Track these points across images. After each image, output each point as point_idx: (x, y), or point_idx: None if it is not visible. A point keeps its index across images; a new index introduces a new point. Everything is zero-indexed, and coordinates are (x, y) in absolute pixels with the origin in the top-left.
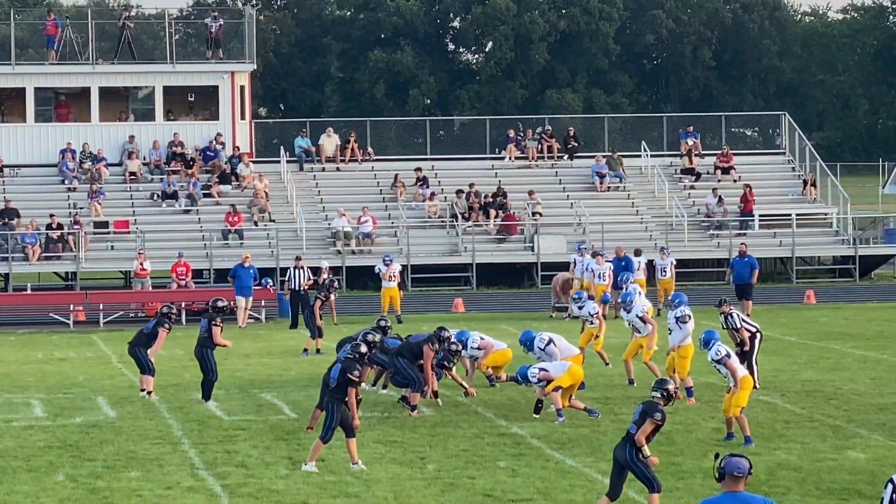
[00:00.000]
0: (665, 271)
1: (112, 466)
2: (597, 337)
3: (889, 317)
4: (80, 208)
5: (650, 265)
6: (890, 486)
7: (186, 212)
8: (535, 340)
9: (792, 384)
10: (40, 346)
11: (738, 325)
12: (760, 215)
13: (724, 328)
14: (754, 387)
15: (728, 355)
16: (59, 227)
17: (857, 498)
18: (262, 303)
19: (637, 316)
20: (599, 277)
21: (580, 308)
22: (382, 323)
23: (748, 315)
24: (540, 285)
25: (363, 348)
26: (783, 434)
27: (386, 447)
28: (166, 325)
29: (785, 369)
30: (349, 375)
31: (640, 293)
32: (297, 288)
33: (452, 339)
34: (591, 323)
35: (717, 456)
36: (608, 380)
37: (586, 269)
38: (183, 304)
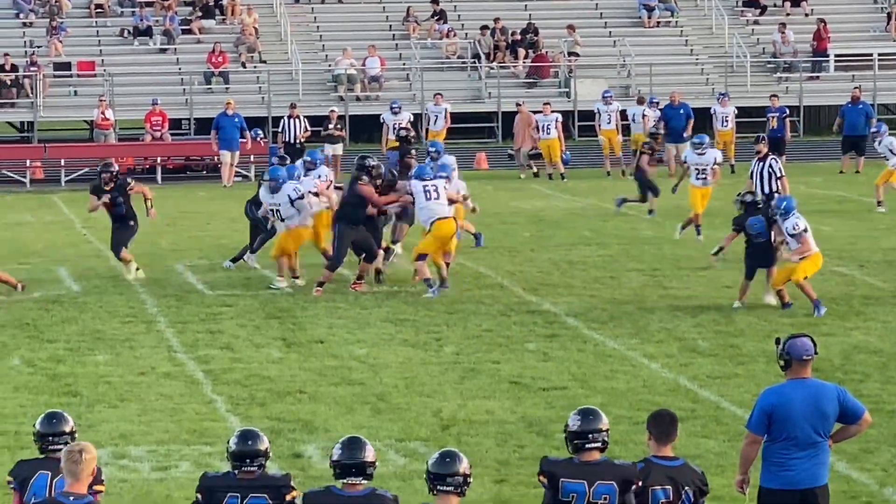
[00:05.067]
0: (726, 121)
1: (76, 349)
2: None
3: None
4: (38, 47)
5: (707, 113)
6: None
7: (162, 51)
8: None
9: (872, 253)
10: None
11: (781, 174)
12: (836, 55)
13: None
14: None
15: (806, 230)
16: (14, 68)
17: None
18: (252, 158)
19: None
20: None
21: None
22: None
23: (858, 172)
24: (577, 137)
25: (369, 161)
26: (861, 311)
27: (396, 326)
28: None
29: (863, 235)
30: (359, 183)
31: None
32: (291, 140)
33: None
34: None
35: (777, 341)
36: (657, 249)
37: (632, 119)
38: (158, 160)
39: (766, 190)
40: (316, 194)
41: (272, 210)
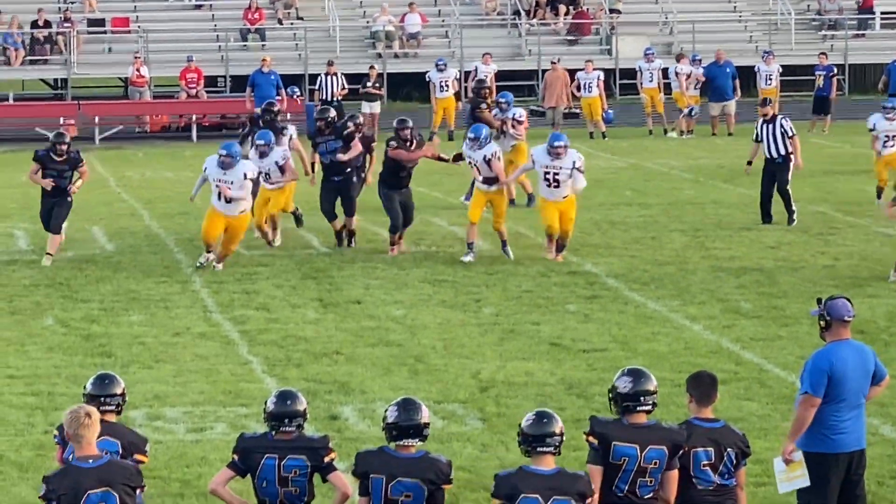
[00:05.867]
0: (769, 80)
1: (110, 309)
2: None
3: None
4: (72, 3)
5: (751, 71)
6: None
7: (198, 7)
8: None
9: None
10: (25, 167)
11: (792, 133)
12: (882, 13)
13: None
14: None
15: None
16: (47, 24)
17: None
18: (288, 116)
19: None
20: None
21: None
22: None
23: None
24: (619, 95)
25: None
26: None
27: (434, 287)
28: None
29: None
30: (388, 149)
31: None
32: (329, 98)
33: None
34: None
35: (819, 301)
36: (699, 209)
37: (676, 75)
38: (193, 118)
39: (782, 151)
40: (282, 170)
41: (262, 174)
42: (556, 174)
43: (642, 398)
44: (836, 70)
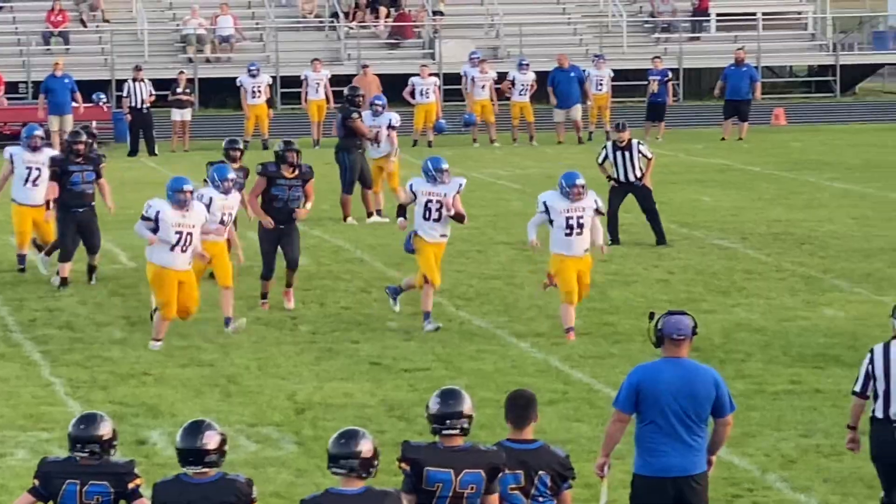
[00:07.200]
0: (601, 85)
1: None
2: None
3: (876, 141)
4: None
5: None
6: (868, 357)
7: None
8: None
9: (755, 225)
10: None
11: (650, 155)
12: (717, 14)
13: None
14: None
15: None
16: None
17: (834, 365)
18: (94, 124)
19: None
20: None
21: None
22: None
23: (741, 139)
24: (443, 100)
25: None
26: (743, 287)
27: (248, 304)
28: None
29: (747, 206)
30: None
31: None
32: (137, 105)
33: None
34: None
35: (651, 315)
36: (526, 221)
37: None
38: None
39: (638, 174)
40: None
41: (227, 214)
42: (580, 218)
43: (448, 420)
44: (671, 74)
